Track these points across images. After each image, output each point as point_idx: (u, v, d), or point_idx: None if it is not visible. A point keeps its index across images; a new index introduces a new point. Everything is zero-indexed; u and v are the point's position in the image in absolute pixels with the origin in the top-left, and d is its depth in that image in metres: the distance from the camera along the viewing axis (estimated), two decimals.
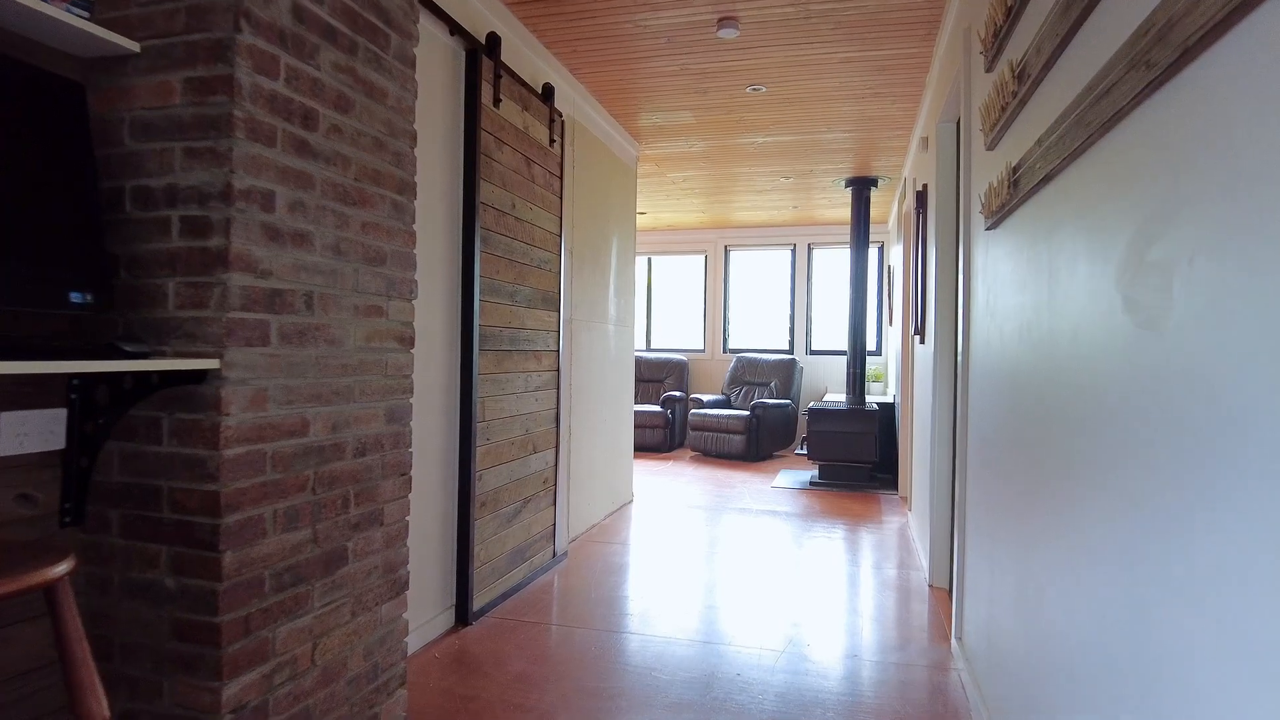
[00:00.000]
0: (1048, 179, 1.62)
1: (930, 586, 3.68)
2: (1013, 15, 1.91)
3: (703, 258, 9.29)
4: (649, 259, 9.50)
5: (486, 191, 3.21)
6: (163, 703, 1.58)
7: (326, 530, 1.85)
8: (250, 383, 1.61)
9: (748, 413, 7.65)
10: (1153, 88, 1.07)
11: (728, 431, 7.63)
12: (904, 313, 5.81)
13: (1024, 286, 1.87)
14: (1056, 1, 1.52)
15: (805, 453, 6.72)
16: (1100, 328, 1.31)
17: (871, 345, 8.65)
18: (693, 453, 8.09)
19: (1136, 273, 1.15)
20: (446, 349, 3.04)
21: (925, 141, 4.27)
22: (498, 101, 3.28)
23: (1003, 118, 2.02)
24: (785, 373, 8.40)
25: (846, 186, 6.59)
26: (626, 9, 3.35)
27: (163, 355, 1.58)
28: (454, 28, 2.98)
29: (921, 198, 4.35)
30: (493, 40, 3.26)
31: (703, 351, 9.29)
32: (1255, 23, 0.82)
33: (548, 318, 3.88)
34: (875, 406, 6.31)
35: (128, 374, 1.54)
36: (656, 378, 8.87)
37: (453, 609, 3.08)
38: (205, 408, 1.55)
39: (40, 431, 1.52)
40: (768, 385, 8.41)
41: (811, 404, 6.45)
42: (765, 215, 8.23)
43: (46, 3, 1.40)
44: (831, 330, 8.95)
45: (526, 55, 3.68)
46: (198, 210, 1.56)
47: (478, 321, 3.13)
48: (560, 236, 4.01)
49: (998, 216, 2.12)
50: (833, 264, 8.93)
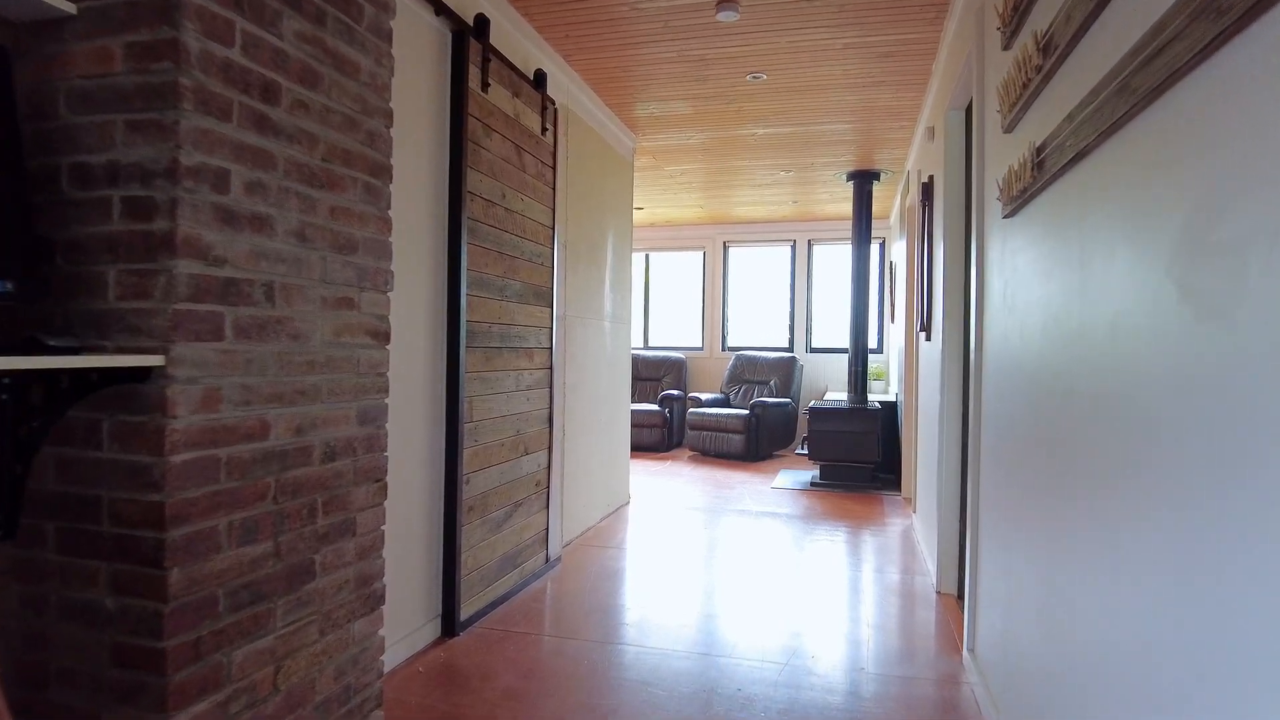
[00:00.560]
0: (1080, 156, 1.47)
1: (938, 593, 3.53)
2: None
3: (701, 254, 9.14)
4: (646, 255, 9.34)
5: (474, 180, 3.05)
6: None
7: (290, 542, 1.69)
8: (201, 381, 1.46)
9: (747, 412, 7.50)
10: (1223, 39, 0.92)
11: (727, 431, 7.48)
12: (908, 309, 5.67)
13: (1049, 277, 1.72)
14: None
15: (806, 453, 6.57)
16: (1146, 319, 1.17)
17: (873, 343, 8.49)
18: (691, 452, 7.93)
19: (1196, 256, 1.00)
20: (431, 346, 2.88)
21: (931, 131, 4.12)
22: (486, 86, 3.13)
23: (1024, 95, 1.88)
24: (785, 371, 8.26)
25: (848, 180, 6.44)
26: None
27: (102, 350, 1.42)
28: (439, 8, 2.82)
29: (927, 190, 4.20)
30: (481, 22, 3.11)
31: (701, 349, 9.14)
32: None
33: (540, 313, 3.72)
34: (877, 405, 6.16)
35: (64, 372, 1.39)
36: (654, 376, 8.72)
37: (438, 619, 2.93)
38: (148, 409, 1.40)
39: None
40: (767, 384, 8.26)
41: (812, 403, 6.31)
42: (765, 210, 8.08)
43: None
44: (832, 328, 8.81)
45: (517, 39, 3.53)
46: (140, 190, 1.41)
47: (465, 317, 2.97)
48: (553, 229, 3.85)
49: (1018, 203, 1.97)
50: (833, 260, 8.78)
